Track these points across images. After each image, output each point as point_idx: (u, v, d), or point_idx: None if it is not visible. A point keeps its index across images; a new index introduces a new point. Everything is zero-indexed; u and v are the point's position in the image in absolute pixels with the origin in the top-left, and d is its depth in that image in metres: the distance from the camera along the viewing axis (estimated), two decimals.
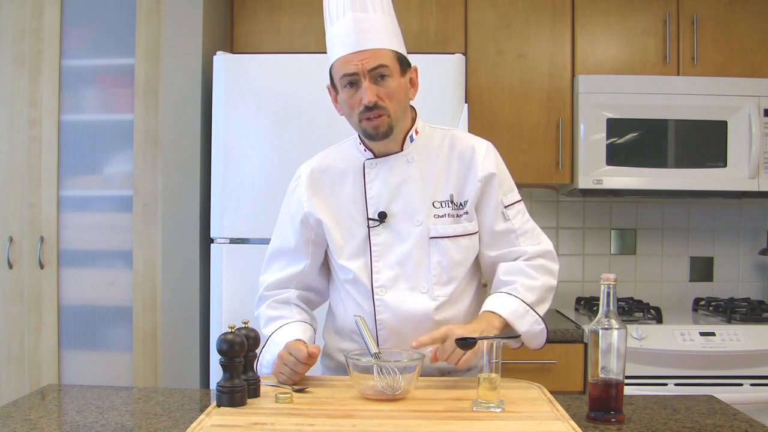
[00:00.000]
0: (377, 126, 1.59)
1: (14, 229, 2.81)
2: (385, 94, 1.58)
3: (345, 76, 1.58)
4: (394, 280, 1.64)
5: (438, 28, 2.96)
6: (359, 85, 1.57)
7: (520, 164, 2.90)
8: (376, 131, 1.60)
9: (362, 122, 1.60)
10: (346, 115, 1.64)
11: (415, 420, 1.30)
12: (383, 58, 1.57)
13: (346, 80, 1.58)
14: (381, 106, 1.57)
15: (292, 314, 1.72)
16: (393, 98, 1.59)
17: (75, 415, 1.43)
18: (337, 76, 1.60)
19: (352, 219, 1.68)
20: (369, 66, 1.56)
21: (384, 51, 1.58)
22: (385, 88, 1.58)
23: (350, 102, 1.60)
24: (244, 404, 1.40)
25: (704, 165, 2.85)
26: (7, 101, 2.82)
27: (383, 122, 1.59)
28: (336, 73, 1.60)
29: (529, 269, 1.66)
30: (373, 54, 1.56)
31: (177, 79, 2.71)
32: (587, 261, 3.30)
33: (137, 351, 2.76)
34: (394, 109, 1.60)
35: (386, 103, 1.58)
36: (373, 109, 1.57)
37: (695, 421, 1.39)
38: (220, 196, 2.56)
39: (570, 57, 2.97)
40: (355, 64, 1.56)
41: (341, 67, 1.58)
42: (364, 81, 1.56)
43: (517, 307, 1.60)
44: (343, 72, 1.58)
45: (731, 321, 2.71)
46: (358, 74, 1.56)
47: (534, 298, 1.63)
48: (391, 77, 1.58)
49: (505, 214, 1.68)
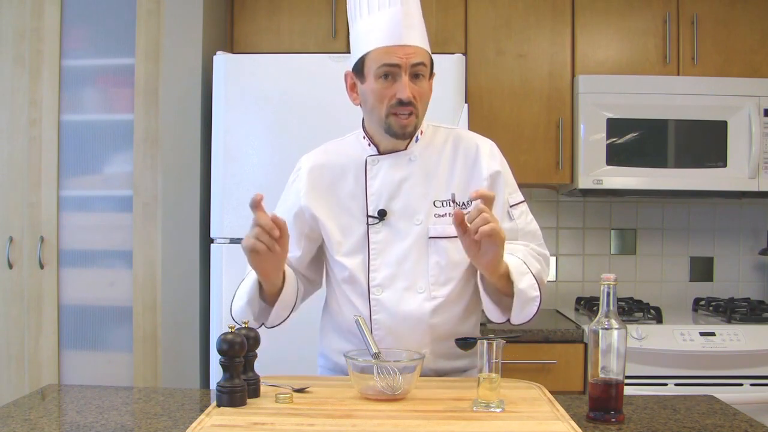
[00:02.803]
0: (406, 125, 1.58)
1: (14, 229, 2.81)
2: (418, 94, 1.57)
3: (385, 66, 1.55)
4: (391, 279, 1.63)
5: (438, 28, 2.96)
6: (396, 79, 1.55)
7: (520, 164, 2.89)
8: (403, 130, 1.59)
9: (389, 117, 1.58)
10: (370, 106, 1.60)
11: (415, 420, 1.30)
12: (424, 57, 1.58)
13: (384, 70, 1.55)
14: (414, 105, 1.57)
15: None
16: (423, 99, 1.59)
17: (75, 415, 1.43)
18: (373, 65, 1.56)
19: (351, 215, 1.67)
20: (412, 61, 1.55)
21: (424, 51, 1.59)
22: (419, 88, 1.58)
23: (383, 93, 1.57)
24: (244, 404, 1.40)
25: (704, 165, 2.85)
26: (7, 101, 2.82)
27: (412, 122, 1.58)
28: (373, 62, 1.56)
29: (531, 255, 1.64)
30: (417, 51, 1.56)
31: (177, 79, 2.71)
32: (587, 261, 3.30)
33: (137, 351, 2.76)
34: (422, 110, 1.60)
35: (418, 103, 1.58)
36: (408, 105, 1.56)
37: (695, 421, 1.39)
38: (220, 196, 2.56)
39: (570, 57, 2.97)
40: (400, 56, 1.54)
41: (382, 56, 1.55)
42: (404, 75, 1.55)
43: (520, 265, 1.56)
44: (384, 61, 1.55)
45: (731, 321, 2.72)
46: (400, 67, 1.54)
47: (534, 271, 1.57)
48: (425, 78, 1.59)
49: (511, 213, 1.67)
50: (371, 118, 1.64)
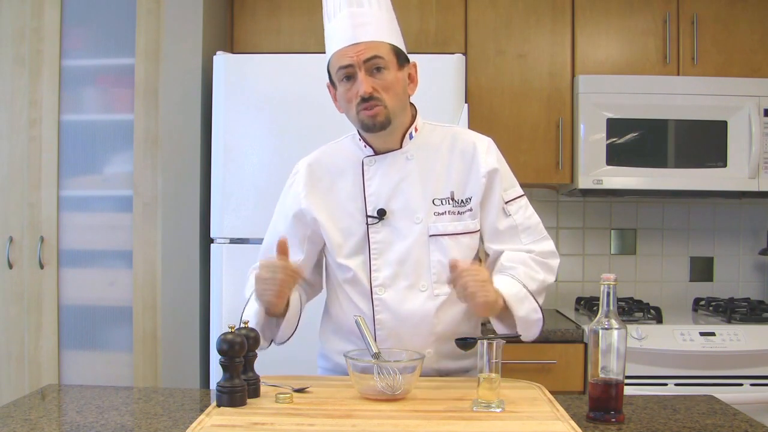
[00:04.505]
0: (374, 115, 1.58)
1: (14, 229, 2.81)
2: (381, 86, 1.58)
3: (341, 69, 1.58)
4: (393, 279, 1.63)
5: (438, 28, 2.96)
6: (356, 78, 1.57)
7: (520, 164, 2.88)
8: (372, 121, 1.59)
9: (359, 114, 1.59)
10: (345, 110, 1.64)
11: (415, 420, 1.30)
12: (379, 49, 1.57)
13: (342, 73, 1.59)
14: (377, 98, 1.57)
15: None
16: (389, 90, 1.59)
17: (75, 415, 1.43)
18: (333, 71, 1.61)
19: (350, 217, 1.67)
20: (364, 57, 1.56)
21: (379, 43, 1.58)
22: (381, 80, 1.58)
23: (347, 95, 1.60)
24: (244, 404, 1.40)
25: (704, 165, 2.85)
26: (7, 101, 2.82)
27: (380, 112, 1.58)
28: (333, 68, 1.61)
29: (532, 262, 1.65)
30: (368, 46, 1.57)
31: (177, 79, 2.71)
32: (587, 261, 3.30)
33: (137, 351, 2.76)
34: (391, 101, 1.59)
35: (382, 94, 1.57)
36: (369, 101, 1.56)
37: (695, 421, 1.39)
38: (220, 196, 2.56)
39: (570, 57, 2.97)
40: (350, 56, 1.56)
41: (337, 60, 1.59)
42: (360, 72, 1.56)
43: (519, 290, 1.57)
44: (339, 65, 1.58)
45: (731, 321, 2.71)
46: (353, 66, 1.56)
47: (535, 288, 1.61)
48: (387, 69, 1.58)
49: (506, 210, 1.68)
50: (351, 121, 1.66)
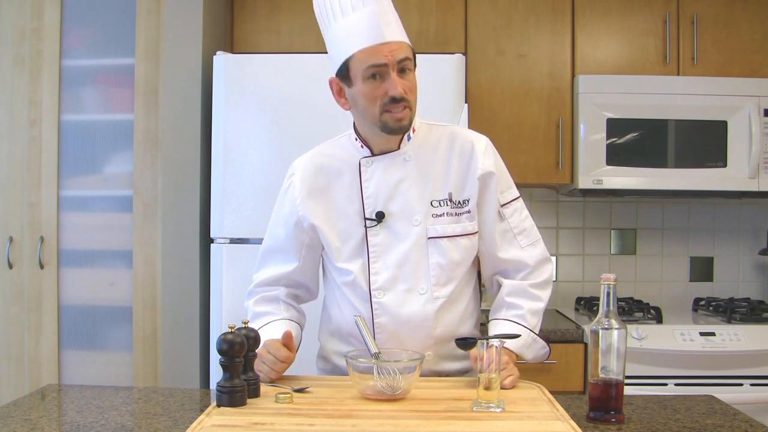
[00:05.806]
0: (401, 119, 1.57)
1: (14, 229, 2.81)
2: (408, 88, 1.57)
3: (372, 67, 1.54)
4: (392, 282, 1.62)
5: (438, 28, 2.96)
6: (384, 77, 1.54)
7: (520, 164, 2.90)
8: (399, 124, 1.57)
9: (384, 114, 1.56)
10: (362, 108, 1.59)
11: (415, 420, 1.30)
12: (407, 51, 1.57)
13: (372, 71, 1.54)
14: (407, 99, 1.56)
15: (279, 311, 1.72)
16: (413, 93, 1.59)
17: (75, 415, 1.43)
18: (359, 67, 1.55)
19: (348, 219, 1.66)
20: (398, 57, 1.54)
21: (405, 44, 1.58)
22: (408, 82, 1.57)
23: (374, 93, 1.55)
24: (244, 404, 1.40)
25: (704, 165, 2.85)
26: (7, 101, 2.82)
27: (407, 115, 1.57)
28: (359, 64, 1.55)
29: (534, 290, 1.68)
30: (399, 46, 1.55)
31: (177, 79, 2.71)
32: (587, 261, 3.30)
33: (137, 351, 2.76)
34: (414, 104, 1.60)
35: (409, 96, 1.57)
36: (400, 101, 1.55)
37: (695, 421, 1.39)
38: (220, 196, 2.56)
39: (570, 57, 2.97)
40: (385, 54, 1.53)
41: (368, 57, 1.53)
42: (393, 72, 1.54)
43: (526, 338, 1.64)
44: (370, 62, 1.53)
45: (731, 321, 2.71)
46: (387, 65, 1.53)
47: (537, 321, 1.68)
48: (411, 71, 1.59)
49: (502, 213, 1.68)
50: (364, 120, 1.62)
